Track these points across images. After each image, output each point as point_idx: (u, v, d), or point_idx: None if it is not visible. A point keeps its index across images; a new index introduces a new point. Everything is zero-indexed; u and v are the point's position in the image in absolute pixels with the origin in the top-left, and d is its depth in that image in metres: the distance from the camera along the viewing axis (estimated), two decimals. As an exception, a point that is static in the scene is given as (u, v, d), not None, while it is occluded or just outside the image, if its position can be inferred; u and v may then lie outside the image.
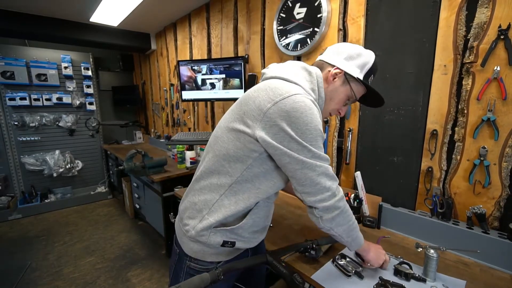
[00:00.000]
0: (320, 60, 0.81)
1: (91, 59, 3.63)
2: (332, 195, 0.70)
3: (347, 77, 0.77)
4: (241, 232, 0.76)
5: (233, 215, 0.73)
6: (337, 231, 0.75)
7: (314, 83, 0.74)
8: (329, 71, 0.77)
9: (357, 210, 1.29)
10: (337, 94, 0.78)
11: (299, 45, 1.58)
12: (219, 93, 2.15)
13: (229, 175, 0.71)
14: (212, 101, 2.29)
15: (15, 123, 3.19)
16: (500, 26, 0.91)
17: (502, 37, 0.91)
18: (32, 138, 3.33)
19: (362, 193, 1.31)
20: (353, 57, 0.76)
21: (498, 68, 0.93)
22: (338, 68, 0.76)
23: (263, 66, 1.88)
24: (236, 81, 2.05)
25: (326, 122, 1.50)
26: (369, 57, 0.78)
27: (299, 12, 1.56)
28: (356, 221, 0.79)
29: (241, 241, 0.77)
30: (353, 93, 0.78)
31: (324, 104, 0.78)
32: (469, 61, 0.99)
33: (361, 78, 0.77)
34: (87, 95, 3.65)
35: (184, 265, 0.80)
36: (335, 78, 0.77)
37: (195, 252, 0.77)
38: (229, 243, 0.75)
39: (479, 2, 0.95)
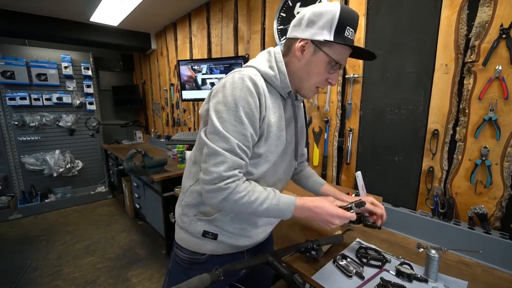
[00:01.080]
0: (286, 38, 0.75)
1: (91, 59, 3.62)
2: (216, 179, 0.63)
3: (317, 44, 0.68)
4: (222, 225, 0.76)
5: (204, 202, 0.75)
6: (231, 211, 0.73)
7: (272, 60, 0.72)
8: (294, 46, 0.70)
9: (357, 210, 1.29)
10: (313, 66, 0.70)
11: (299, 44, 1.57)
12: (219, 92, 2.14)
13: (200, 162, 0.71)
14: (212, 100, 2.28)
15: (15, 123, 3.19)
16: (502, 25, 0.91)
17: (504, 36, 0.91)
18: (32, 138, 3.32)
19: (363, 193, 1.31)
20: (314, 21, 0.66)
21: (500, 68, 0.92)
22: (302, 39, 0.68)
23: (264, 66, 1.87)
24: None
25: (326, 122, 1.50)
26: (333, 10, 0.65)
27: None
28: (262, 197, 0.67)
29: (225, 235, 0.77)
30: (331, 58, 0.68)
31: (303, 80, 0.73)
32: (471, 60, 0.99)
33: (332, 38, 0.65)
34: (87, 94, 3.65)
35: (173, 252, 0.84)
36: (303, 51, 0.69)
37: (182, 239, 0.81)
38: (210, 233, 0.76)
39: (481, 1, 0.95)
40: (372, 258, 0.95)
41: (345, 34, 0.66)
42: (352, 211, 0.77)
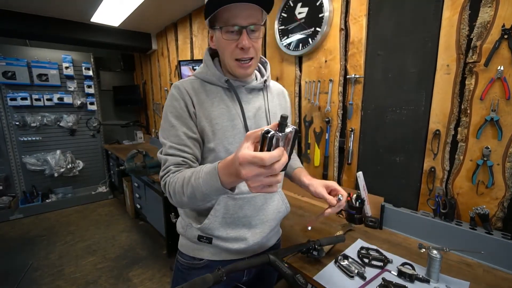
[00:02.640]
0: None
1: (92, 59, 3.63)
2: (160, 181, 0.71)
3: (212, 28, 0.72)
4: (212, 231, 0.75)
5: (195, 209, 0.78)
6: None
7: (203, 60, 0.79)
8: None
9: (359, 210, 1.29)
10: (220, 44, 0.71)
11: (300, 45, 1.58)
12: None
13: None
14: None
15: (16, 123, 3.19)
16: (503, 26, 0.91)
17: (505, 36, 0.91)
18: (33, 138, 3.33)
19: (364, 193, 1.31)
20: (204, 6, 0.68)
21: (502, 68, 0.92)
22: (208, 29, 0.74)
23: (264, 66, 1.87)
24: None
25: (327, 122, 1.50)
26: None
27: (301, 11, 1.55)
28: (188, 176, 0.62)
29: (219, 239, 0.76)
30: (222, 27, 0.67)
31: (225, 61, 0.73)
32: (472, 60, 0.99)
33: (209, 17, 0.67)
34: (88, 95, 3.65)
35: (176, 259, 0.86)
36: (212, 37, 0.75)
37: (182, 245, 0.83)
38: (204, 238, 0.76)
39: (483, 1, 0.95)
40: (373, 258, 0.95)
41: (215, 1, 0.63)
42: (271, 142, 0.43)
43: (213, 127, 0.72)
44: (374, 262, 0.94)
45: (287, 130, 0.42)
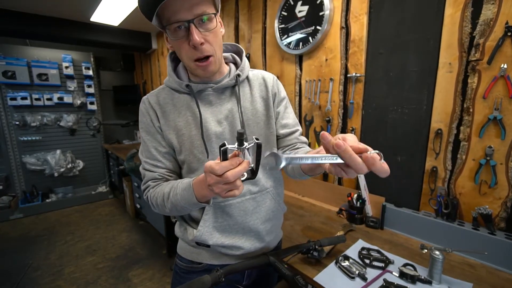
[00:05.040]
0: None
1: (92, 59, 3.62)
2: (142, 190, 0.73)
3: (162, 27, 0.62)
4: (207, 239, 0.72)
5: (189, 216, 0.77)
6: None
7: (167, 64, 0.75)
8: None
9: (360, 210, 1.28)
10: (173, 45, 0.65)
11: (300, 43, 1.56)
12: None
13: None
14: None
15: (16, 122, 3.19)
16: (507, 23, 0.89)
17: (509, 34, 0.89)
18: (33, 138, 3.33)
19: (365, 193, 1.30)
20: None
21: (505, 66, 0.91)
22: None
23: (265, 65, 1.87)
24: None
25: (328, 122, 1.49)
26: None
27: (301, 10, 1.54)
28: (167, 190, 0.64)
29: (216, 243, 0.73)
30: (171, 26, 0.59)
31: (184, 62, 0.67)
32: (475, 58, 0.97)
33: (155, 20, 0.58)
34: (88, 94, 3.65)
35: (174, 262, 0.84)
36: (167, 39, 0.66)
37: (180, 248, 0.81)
38: (202, 243, 0.75)
39: (486, -1, 0.94)
40: (375, 259, 0.94)
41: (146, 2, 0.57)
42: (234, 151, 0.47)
43: (179, 138, 0.69)
44: (375, 263, 0.93)
45: (245, 144, 0.46)
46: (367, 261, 0.94)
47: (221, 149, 0.45)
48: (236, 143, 0.46)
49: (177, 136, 0.69)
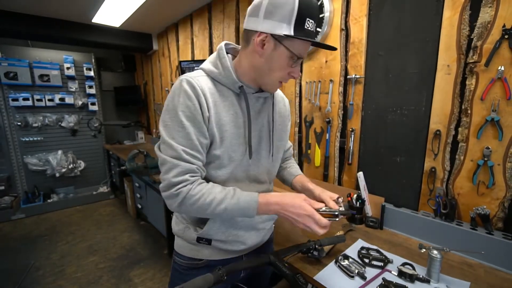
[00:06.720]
0: (244, 29, 0.70)
1: (93, 60, 3.64)
2: (166, 186, 0.65)
3: (277, 38, 0.63)
4: (212, 234, 0.75)
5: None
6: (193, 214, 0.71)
7: (216, 56, 0.71)
8: (254, 40, 0.65)
9: (359, 210, 1.29)
10: (275, 61, 0.66)
11: (301, 45, 1.58)
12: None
13: None
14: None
15: (18, 123, 3.21)
16: (504, 26, 0.91)
17: (506, 36, 0.90)
18: (35, 138, 3.34)
19: (364, 193, 1.31)
20: (272, 12, 0.61)
21: (502, 68, 0.92)
22: (261, 33, 0.63)
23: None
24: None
25: (328, 122, 1.50)
26: (291, 1, 0.59)
27: None
28: (219, 197, 0.65)
29: (218, 240, 0.76)
30: (292, 53, 0.64)
31: (265, 75, 0.69)
32: (473, 61, 0.99)
33: (292, 32, 0.61)
34: (89, 95, 3.66)
35: (172, 260, 0.84)
36: (263, 45, 0.64)
37: (179, 246, 0.81)
38: (204, 239, 0.76)
39: (483, 2, 0.95)
40: (374, 258, 0.95)
41: (305, 27, 0.62)
42: (337, 218, 0.68)
43: (222, 133, 0.68)
44: (374, 262, 0.94)
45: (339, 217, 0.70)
46: (367, 260, 0.95)
47: (336, 214, 0.67)
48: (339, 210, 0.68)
49: (220, 131, 0.68)
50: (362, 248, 1.03)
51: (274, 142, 0.80)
